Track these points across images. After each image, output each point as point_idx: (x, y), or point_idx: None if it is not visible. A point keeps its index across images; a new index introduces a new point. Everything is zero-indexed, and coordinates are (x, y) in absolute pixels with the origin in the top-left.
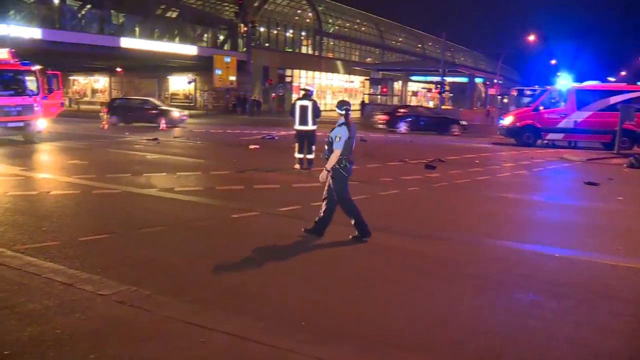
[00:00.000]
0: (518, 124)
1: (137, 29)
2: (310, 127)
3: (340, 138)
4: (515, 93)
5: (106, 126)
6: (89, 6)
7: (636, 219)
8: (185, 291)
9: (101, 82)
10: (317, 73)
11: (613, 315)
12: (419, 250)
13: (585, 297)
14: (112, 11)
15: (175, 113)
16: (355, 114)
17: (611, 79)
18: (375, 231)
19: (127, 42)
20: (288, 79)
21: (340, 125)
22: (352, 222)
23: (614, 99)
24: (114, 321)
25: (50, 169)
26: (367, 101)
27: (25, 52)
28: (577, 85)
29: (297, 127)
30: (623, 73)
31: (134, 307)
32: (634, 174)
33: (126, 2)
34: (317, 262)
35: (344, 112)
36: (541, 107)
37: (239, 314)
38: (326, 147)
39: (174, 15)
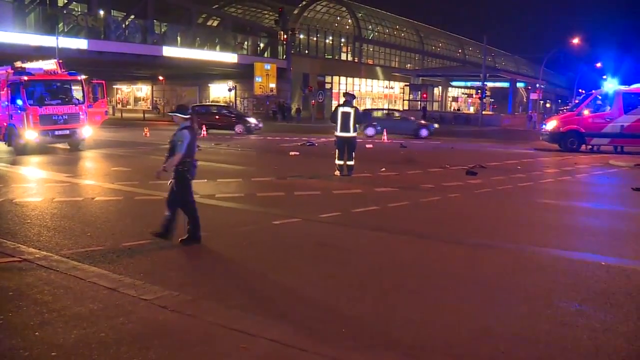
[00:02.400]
0: (561, 129)
1: (179, 38)
2: (351, 133)
3: (182, 141)
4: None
5: (148, 134)
6: (132, 17)
7: None
8: (228, 297)
9: (143, 90)
10: (356, 79)
11: None
12: (463, 257)
13: (637, 308)
14: (154, 21)
15: (252, 120)
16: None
17: None
18: (417, 237)
19: (169, 51)
20: (328, 86)
21: (183, 128)
22: (187, 225)
23: None
24: (157, 326)
25: (95, 175)
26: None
27: (72, 62)
28: (623, 88)
29: (339, 133)
30: None
31: (176, 312)
32: None
33: (168, 11)
34: (360, 269)
35: (188, 116)
36: (586, 111)
37: (282, 320)
38: (168, 149)
39: (215, 23)
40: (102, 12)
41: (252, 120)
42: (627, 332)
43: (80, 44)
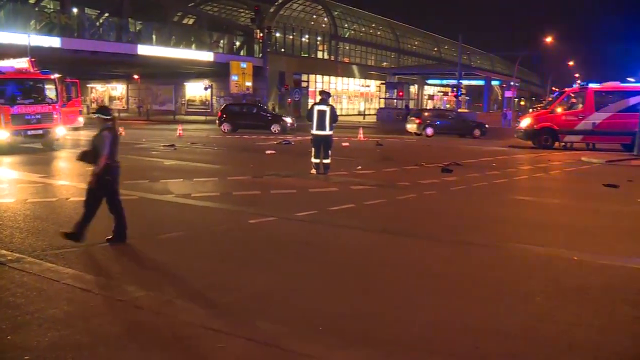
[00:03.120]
0: (535, 126)
1: (154, 36)
2: (327, 132)
3: (104, 143)
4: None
5: (123, 133)
6: (106, 14)
7: None
8: (204, 296)
9: (119, 89)
10: (333, 78)
11: (637, 320)
12: (440, 254)
13: (609, 302)
14: (129, 19)
15: (288, 119)
16: (372, 118)
17: (631, 79)
18: (393, 235)
19: (144, 50)
20: (304, 84)
21: (104, 130)
22: (80, 221)
23: (633, 100)
24: (133, 326)
25: (69, 175)
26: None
27: (45, 61)
28: (595, 86)
29: (315, 132)
30: None
31: (152, 312)
32: None
33: (143, 9)
34: (337, 266)
35: (110, 117)
36: (559, 109)
37: (259, 319)
38: (88, 152)
39: (191, 21)
40: (75, 10)
41: (288, 120)
42: (600, 326)
43: (53, 42)
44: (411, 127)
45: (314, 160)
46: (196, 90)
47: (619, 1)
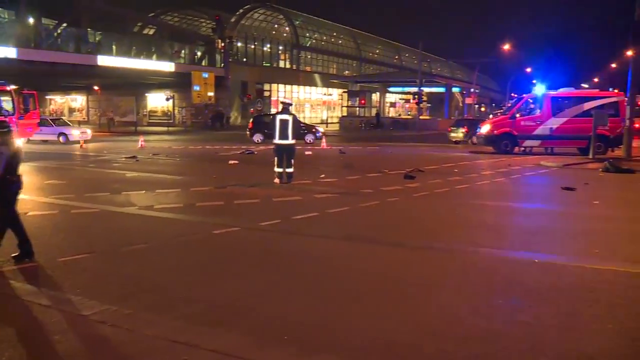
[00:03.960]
0: (495, 132)
1: (114, 47)
2: (290, 141)
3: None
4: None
5: (84, 145)
6: (65, 25)
7: (612, 222)
8: (168, 309)
9: (79, 100)
10: (295, 87)
11: (595, 317)
12: (404, 260)
13: (567, 302)
14: (88, 29)
15: (320, 129)
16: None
17: (585, 85)
18: (358, 242)
19: (104, 60)
20: (266, 94)
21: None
22: (18, 240)
23: (587, 105)
24: (95, 342)
25: (27, 189)
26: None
27: (0, 72)
28: (551, 92)
29: (277, 141)
30: (596, 79)
31: (115, 327)
32: (609, 178)
33: (103, 20)
34: (303, 275)
35: (6, 130)
36: (517, 115)
37: (224, 330)
38: None
39: (152, 32)
40: (31, 20)
41: (320, 130)
42: (559, 325)
43: (8, 52)
44: (456, 135)
45: (276, 169)
46: (158, 101)
47: (575, 13)
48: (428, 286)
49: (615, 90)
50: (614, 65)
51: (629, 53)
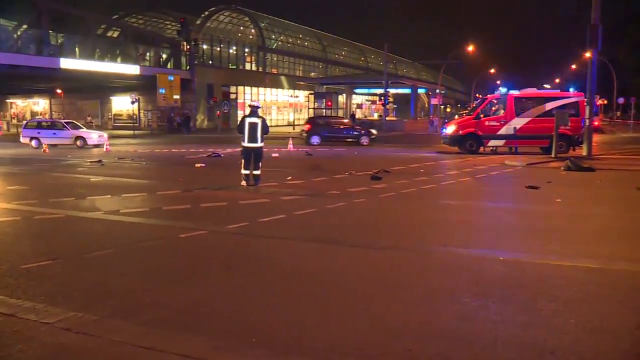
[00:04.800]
0: (460, 132)
1: (77, 49)
2: (259, 144)
3: None
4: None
5: (47, 150)
6: (25, 26)
7: (574, 219)
8: (135, 314)
9: (41, 104)
10: (261, 89)
11: (557, 313)
12: (371, 261)
13: (530, 298)
14: (50, 31)
15: (374, 131)
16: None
17: (546, 85)
18: (325, 243)
19: (67, 63)
20: (233, 96)
21: None
22: None
23: (549, 105)
24: (60, 350)
25: None
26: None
27: None
28: (514, 92)
29: (246, 144)
30: (557, 80)
31: (80, 334)
32: (570, 176)
33: (65, 21)
34: (269, 278)
35: None
36: (482, 115)
37: (193, 334)
38: None
39: (116, 34)
40: None
41: (374, 132)
42: (523, 322)
43: None
44: None
45: (243, 172)
46: (123, 104)
47: (537, 16)
48: (395, 286)
49: (574, 90)
50: (573, 67)
51: (587, 55)
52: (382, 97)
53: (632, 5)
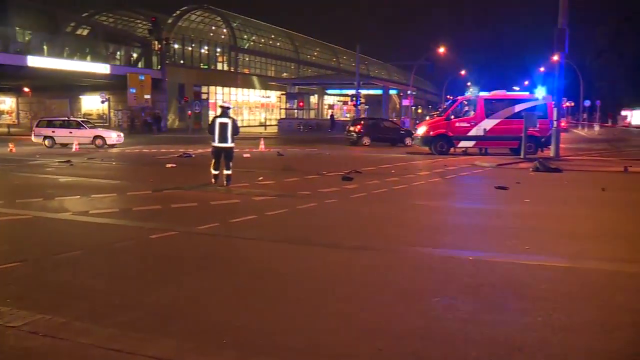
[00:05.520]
0: (431, 133)
1: (45, 47)
2: (229, 144)
3: None
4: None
5: (14, 149)
6: None
7: (542, 219)
8: (105, 316)
9: (7, 103)
10: (233, 89)
11: (525, 311)
12: (340, 261)
13: (499, 297)
14: (17, 28)
15: (414, 133)
16: (274, 129)
17: (516, 88)
18: (296, 244)
19: (34, 61)
20: (204, 96)
21: None
22: None
23: (518, 107)
24: (26, 353)
25: None
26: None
27: None
28: (484, 94)
29: (216, 144)
30: (526, 82)
31: (48, 337)
32: (539, 177)
33: (33, 19)
34: (241, 278)
35: None
36: (452, 117)
37: (163, 336)
38: None
39: (85, 32)
40: None
41: (414, 133)
42: (492, 320)
43: None
44: None
45: (213, 171)
46: (93, 103)
47: (507, 19)
48: (366, 286)
49: (543, 93)
50: (542, 69)
51: (555, 58)
52: (354, 98)
53: (598, 11)
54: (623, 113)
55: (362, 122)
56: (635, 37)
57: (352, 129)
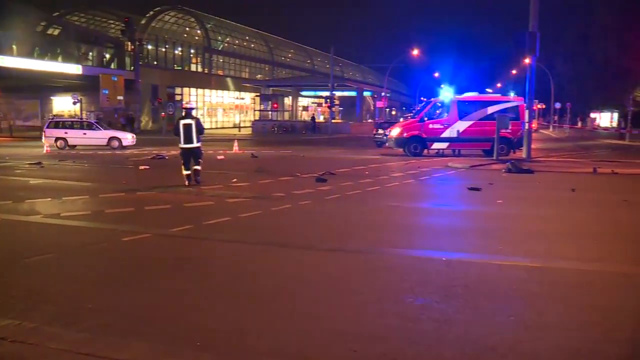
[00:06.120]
0: (405, 135)
1: (14, 47)
2: (195, 144)
3: None
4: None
5: None
6: None
7: (515, 220)
8: (76, 320)
9: None
10: (207, 90)
11: (498, 311)
12: (314, 263)
13: (472, 297)
14: None
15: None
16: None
17: (489, 90)
18: (270, 245)
19: (3, 61)
20: (178, 97)
21: None
22: None
23: (491, 109)
24: None
25: None
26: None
27: None
28: (458, 96)
29: (183, 145)
30: (499, 85)
31: (17, 342)
32: (511, 178)
33: (2, 17)
34: (214, 281)
35: None
36: (426, 118)
37: (134, 340)
38: None
39: (56, 32)
40: None
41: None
42: (465, 320)
43: None
44: None
45: (184, 172)
46: (65, 104)
47: (479, 22)
48: (339, 288)
49: (514, 95)
50: (514, 72)
51: (526, 61)
52: (328, 100)
53: (568, 15)
54: (592, 115)
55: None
56: (603, 42)
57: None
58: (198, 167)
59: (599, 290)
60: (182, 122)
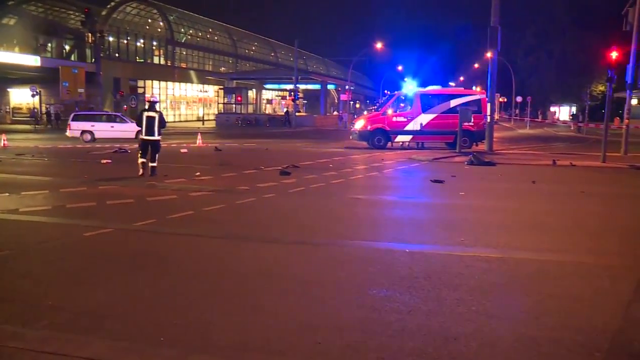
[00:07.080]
0: (369, 127)
1: None
2: (156, 137)
3: None
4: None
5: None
6: None
7: (476, 211)
8: (36, 318)
9: None
10: (170, 83)
11: (460, 301)
12: (278, 256)
13: (435, 288)
14: None
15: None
16: (212, 124)
17: (452, 83)
18: (234, 239)
19: None
20: (140, 90)
21: None
22: None
23: (454, 102)
24: None
25: None
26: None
27: None
28: (421, 89)
29: (144, 136)
30: (462, 78)
31: None
32: (473, 170)
33: None
34: (177, 276)
35: None
36: (389, 111)
37: (96, 337)
38: None
39: (12, 22)
40: None
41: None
42: (427, 310)
43: None
44: None
45: (140, 160)
46: (23, 96)
47: (442, 16)
48: (304, 281)
49: (478, 89)
50: (476, 66)
51: (488, 55)
52: (292, 93)
53: (528, 10)
54: (552, 109)
55: None
56: (562, 37)
57: None
58: (154, 164)
59: (556, 279)
60: (146, 114)
